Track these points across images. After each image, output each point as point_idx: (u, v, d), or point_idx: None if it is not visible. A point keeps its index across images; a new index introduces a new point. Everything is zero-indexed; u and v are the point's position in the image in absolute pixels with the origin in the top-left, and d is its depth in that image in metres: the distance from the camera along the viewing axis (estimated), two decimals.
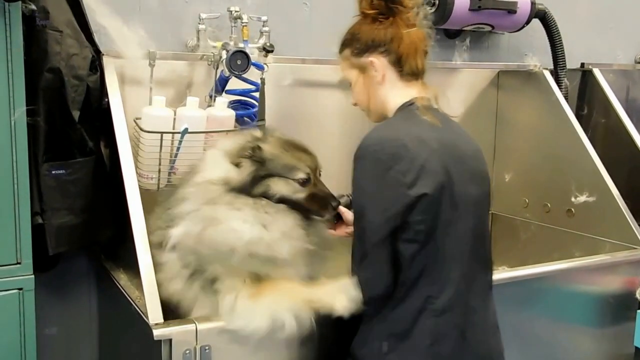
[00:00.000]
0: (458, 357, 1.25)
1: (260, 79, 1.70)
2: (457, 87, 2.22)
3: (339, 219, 1.43)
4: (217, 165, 1.33)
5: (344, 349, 1.33)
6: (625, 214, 1.94)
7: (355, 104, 1.41)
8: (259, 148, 1.33)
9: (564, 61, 2.25)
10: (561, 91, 2.20)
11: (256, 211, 1.29)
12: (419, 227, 1.20)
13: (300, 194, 1.33)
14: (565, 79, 2.25)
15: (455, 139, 1.30)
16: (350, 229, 1.33)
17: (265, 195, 1.31)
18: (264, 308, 1.26)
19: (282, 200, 1.32)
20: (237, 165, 1.32)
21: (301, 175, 1.33)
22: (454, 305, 1.25)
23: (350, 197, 1.34)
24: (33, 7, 1.39)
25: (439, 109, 1.35)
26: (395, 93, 1.33)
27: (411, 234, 1.21)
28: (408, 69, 1.32)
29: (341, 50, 1.39)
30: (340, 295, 1.24)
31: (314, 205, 1.34)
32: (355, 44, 1.35)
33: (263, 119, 1.66)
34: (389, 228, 1.19)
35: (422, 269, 1.23)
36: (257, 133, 1.41)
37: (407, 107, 1.31)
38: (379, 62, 1.32)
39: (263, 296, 1.27)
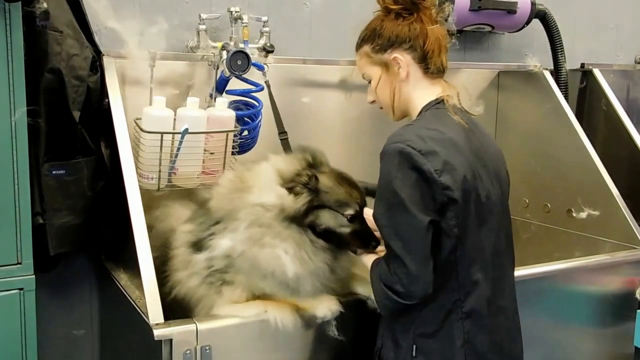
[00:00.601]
0: (488, 358, 1.25)
1: (265, 82, 1.70)
2: (457, 88, 2.21)
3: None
4: (271, 187, 1.33)
5: (359, 350, 1.34)
6: (625, 214, 1.94)
7: (372, 102, 1.38)
8: (316, 179, 1.34)
9: (564, 61, 2.25)
10: (561, 91, 2.20)
11: (298, 246, 1.31)
12: (449, 229, 1.19)
13: (345, 229, 1.34)
14: (566, 79, 2.25)
15: (480, 139, 1.29)
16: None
17: (312, 224, 1.33)
18: (253, 306, 1.34)
19: (326, 231, 1.33)
20: (290, 189, 1.32)
21: (351, 212, 1.34)
22: (483, 307, 1.24)
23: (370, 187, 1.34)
24: (44, 5, 1.39)
25: (463, 108, 1.33)
26: (420, 91, 1.31)
27: (441, 236, 1.20)
28: (433, 66, 1.30)
29: (360, 46, 1.36)
30: (323, 304, 1.33)
31: (355, 242, 1.35)
32: (376, 40, 1.32)
33: (284, 131, 1.66)
34: (428, 224, 1.17)
35: (450, 271, 1.22)
36: (308, 157, 1.40)
37: (436, 105, 1.29)
38: (403, 59, 1.30)
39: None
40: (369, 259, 1.31)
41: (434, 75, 1.31)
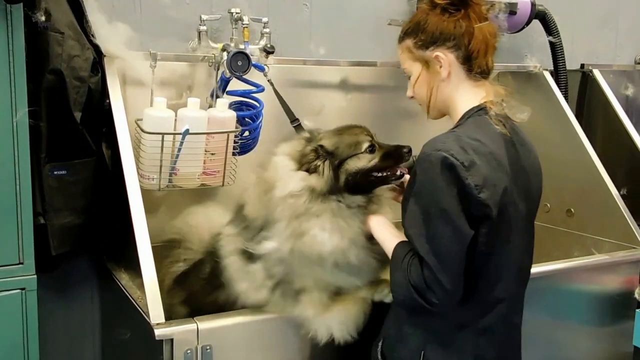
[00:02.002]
0: None
1: (268, 81, 1.70)
2: None
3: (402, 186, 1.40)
4: (291, 175, 1.31)
5: (359, 349, 1.33)
6: (625, 214, 1.95)
7: (411, 97, 1.32)
8: (322, 146, 1.33)
9: (564, 62, 2.26)
10: (561, 92, 2.20)
11: (333, 216, 1.28)
12: (478, 245, 1.15)
13: (374, 160, 1.32)
14: (566, 79, 2.25)
15: (518, 150, 1.23)
16: None
17: (348, 181, 1.30)
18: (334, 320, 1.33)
19: (365, 175, 1.31)
20: (308, 171, 1.31)
21: (366, 145, 1.32)
22: (499, 324, 1.21)
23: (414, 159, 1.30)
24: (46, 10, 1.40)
25: (507, 115, 1.25)
26: (462, 93, 1.24)
27: (476, 248, 1.15)
28: (477, 68, 1.23)
29: (402, 39, 1.29)
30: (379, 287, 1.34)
31: (389, 162, 1.32)
32: (419, 35, 1.24)
33: (296, 119, 1.65)
34: (467, 234, 1.13)
35: (473, 286, 1.18)
36: (306, 135, 1.40)
37: (477, 112, 1.22)
38: (445, 58, 1.22)
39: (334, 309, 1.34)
40: (382, 229, 1.28)
41: (477, 77, 1.24)
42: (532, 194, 1.26)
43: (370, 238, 1.31)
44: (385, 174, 1.33)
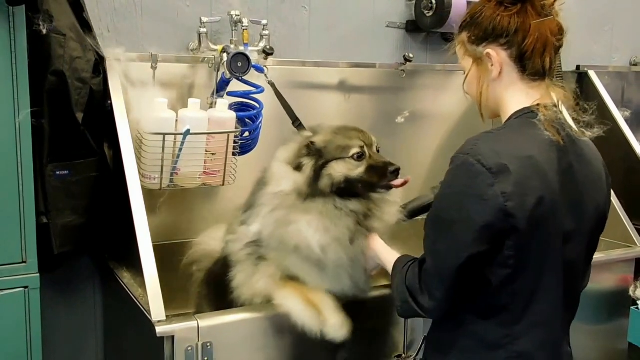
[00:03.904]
0: None
1: (269, 82, 1.72)
2: (456, 90, 2.24)
3: None
4: (285, 176, 1.32)
5: (360, 348, 1.33)
6: (620, 213, 1.97)
7: (467, 94, 1.22)
8: (312, 143, 1.33)
9: (560, 63, 2.28)
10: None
11: (321, 215, 1.28)
12: (504, 259, 1.06)
13: (359, 170, 1.30)
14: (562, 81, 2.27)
15: (573, 162, 1.11)
16: None
17: (332, 184, 1.29)
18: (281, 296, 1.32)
19: (347, 182, 1.29)
20: (298, 168, 1.31)
21: (355, 151, 1.30)
22: (538, 352, 1.10)
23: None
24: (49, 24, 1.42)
25: (566, 120, 1.14)
26: (514, 94, 1.13)
27: (492, 265, 1.07)
28: (532, 68, 1.11)
29: (459, 32, 1.19)
30: (335, 321, 1.27)
31: (373, 177, 1.29)
32: (473, 29, 1.14)
33: (297, 119, 1.65)
34: (467, 258, 1.05)
35: (502, 303, 1.09)
36: (307, 133, 1.40)
37: (527, 115, 1.11)
38: (497, 56, 1.12)
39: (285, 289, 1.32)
40: (384, 252, 1.26)
41: (532, 77, 1.12)
42: (586, 210, 1.13)
43: (353, 241, 1.30)
44: (372, 182, 1.31)
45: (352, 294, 1.37)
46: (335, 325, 1.27)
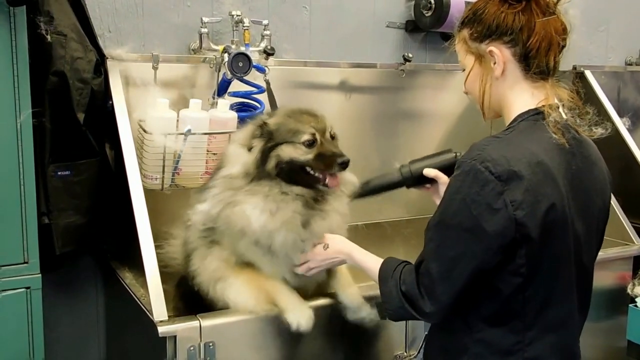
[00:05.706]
0: None
1: (265, 80, 1.73)
2: (455, 89, 2.25)
3: (432, 182, 1.32)
4: (237, 158, 1.33)
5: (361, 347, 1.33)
6: (617, 211, 1.98)
7: (466, 93, 1.19)
8: (265, 124, 1.32)
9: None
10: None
11: (266, 198, 1.28)
12: (516, 267, 1.04)
13: (308, 156, 1.29)
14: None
15: (580, 164, 1.09)
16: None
17: (280, 167, 1.29)
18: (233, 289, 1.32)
19: (292, 165, 1.29)
20: (250, 149, 1.32)
21: (306, 137, 1.29)
22: (550, 356, 1.09)
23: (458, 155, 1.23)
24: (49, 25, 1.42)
25: (569, 121, 1.12)
26: (518, 94, 1.10)
27: (503, 273, 1.05)
28: (536, 67, 1.08)
29: (459, 29, 1.16)
30: (299, 313, 1.28)
31: (320, 165, 1.28)
32: (475, 26, 1.11)
33: None
34: (485, 260, 1.03)
35: (515, 311, 1.07)
36: (264, 116, 1.40)
37: (533, 117, 1.08)
38: (500, 54, 1.09)
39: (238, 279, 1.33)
40: (362, 256, 1.25)
41: (536, 77, 1.10)
42: (592, 212, 1.12)
43: (305, 226, 1.29)
44: (315, 175, 1.30)
45: (310, 283, 1.36)
46: (294, 315, 1.28)
